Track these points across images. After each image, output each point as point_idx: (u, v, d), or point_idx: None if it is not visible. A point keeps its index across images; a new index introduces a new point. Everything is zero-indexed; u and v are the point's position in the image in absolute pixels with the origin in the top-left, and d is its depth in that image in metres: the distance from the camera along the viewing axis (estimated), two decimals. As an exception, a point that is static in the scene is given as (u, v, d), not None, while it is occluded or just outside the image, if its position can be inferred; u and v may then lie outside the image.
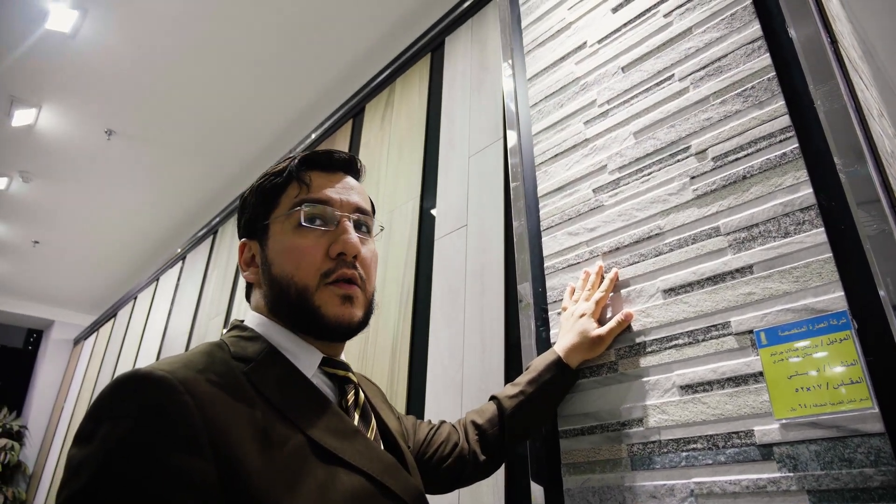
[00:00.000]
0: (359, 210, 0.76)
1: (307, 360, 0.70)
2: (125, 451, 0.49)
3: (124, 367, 5.15)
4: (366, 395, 0.78)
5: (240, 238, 0.78)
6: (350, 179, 0.79)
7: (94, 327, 6.76)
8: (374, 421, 0.75)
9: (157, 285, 5.25)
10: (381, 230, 0.84)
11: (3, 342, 7.95)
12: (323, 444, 0.60)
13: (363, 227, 0.77)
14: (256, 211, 0.76)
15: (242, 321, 0.74)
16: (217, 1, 3.09)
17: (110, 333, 6.07)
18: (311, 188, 0.73)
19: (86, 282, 6.87)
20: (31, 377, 7.77)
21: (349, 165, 0.80)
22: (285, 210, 0.73)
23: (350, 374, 0.75)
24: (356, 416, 0.71)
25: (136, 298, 5.68)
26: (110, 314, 6.27)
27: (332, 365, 0.73)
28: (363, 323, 0.73)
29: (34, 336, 8.18)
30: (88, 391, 5.93)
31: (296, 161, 0.76)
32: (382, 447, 0.73)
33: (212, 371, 0.59)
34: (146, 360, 4.71)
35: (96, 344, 6.48)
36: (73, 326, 7.71)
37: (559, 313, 1.39)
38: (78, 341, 7.39)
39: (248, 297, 0.77)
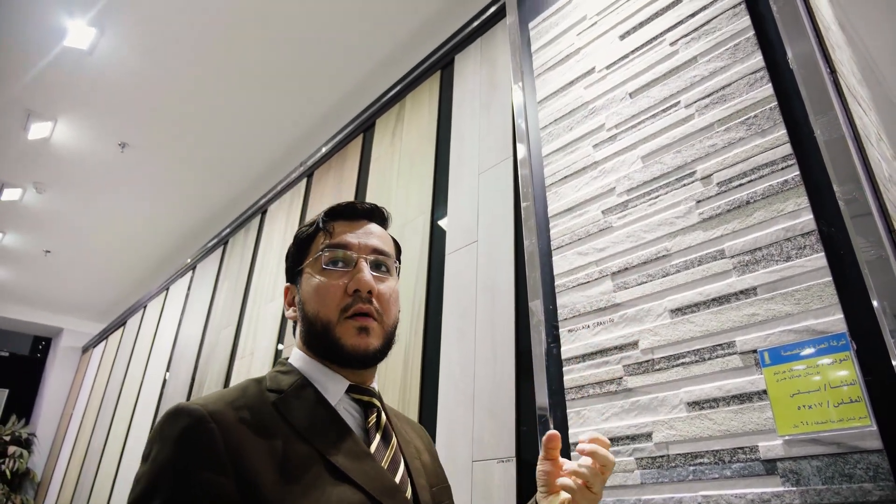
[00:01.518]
0: (376, 251, 0.84)
1: (334, 388, 0.79)
2: (166, 468, 0.62)
3: (134, 376, 5.21)
4: (388, 419, 0.84)
5: (286, 283, 0.89)
6: (372, 226, 0.88)
7: (103, 335, 6.83)
8: (395, 440, 0.82)
9: (167, 295, 5.31)
10: (398, 267, 0.91)
11: (12, 349, 8.02)
12: (335, 462, 0.69)
13: (382, 266, 0.84)
14: (294, 259, 0.87)
15: (287, 358, 0.84)
16: (229, 18, 3.17)
17: (119, 342, 6.13)
18: (333, 235, 0.83)
19: (96, 290, 6.95)
20: (40, 385, 7.84)
21: (371, 214, 0.89)
22: (313, 256, 0.83)
23: (374, 400, 0.82)
24: (378, 437, 0.78)
25: (145, 307, 5.74)
26: (119, 323, 6.33)
27: (358, 391, 0.81)
28: (380, 351, 0.81)
29: (42, 343, 8.25)
30: (97, 399, 5.98)
31: (323, 213, 0.86)
32: (402, 468, 0.80)
33: (241, 402, 0.70)
34: (157, 369, 4.77)
35: (105, 352, 6.54)
36: (82, 334, 7.77)
37: (569, 331, 1.44)
38: (87, 349, 7.45)
39: (294, 334, 0.87)
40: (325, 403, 0.76)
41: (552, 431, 0.79)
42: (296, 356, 0.83)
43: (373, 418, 0.80)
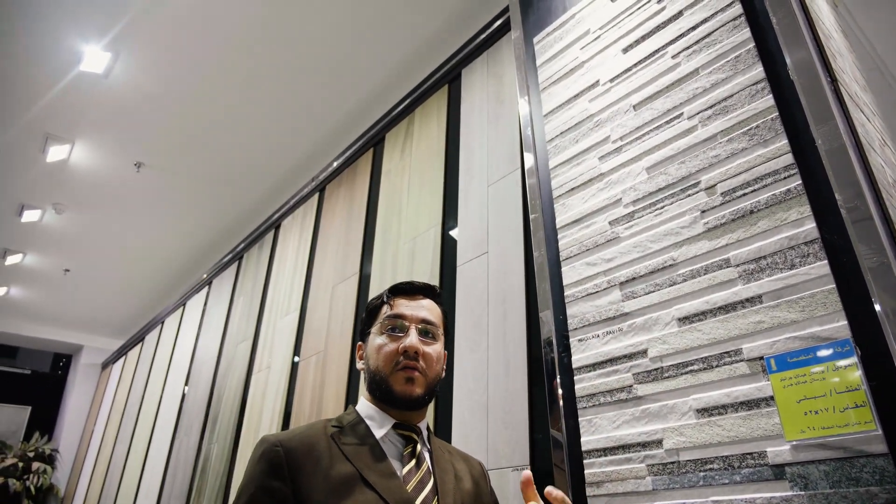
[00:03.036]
0: (425, 321, 1.07)
1: (382, 424, 1.02)
2: (252, 478, 0.90)
3: (153, 391, 5.28)
4: (429, 450, 1.05)
5: (359, 342, 1.14)
6: (425, 301, 1.11)
7: (122, 351, 6.93)
8: (427, 466, 1.00)
9: (183, 310, 5.39)
10: (445, 334, 1.13)
11: (33, 367, 8.16)
12: (368, 479, 0.90)
13: (429, 334, 1.07)
14: (364, 323, 1.13)
15: (354, 406, 1.08)
16: (238, 40, 3.24)
17: (138, 358, 6.23)
18: (393, 307, 1.08)
19: (114, 307, 7.06)
20: (61, 401, 7.96)
21: (425, 291, 1.13)
22: (378, 322, 1.08)
23: (413, 435, 1.02)
24: (412, 463, 0.98)
25: (163, 323, 5.83)
26: (138, 339, 6.43)
27: (403, 427, 1.03)
28: (423, 397, 1.02)
29: (63, 361, 8.39)
30: (118, 414, 6.07)
31: (387, 290, 1.11)
32: (428, 489, 0.95)
33: (307, 434, 0.96)
34: (175, 384, 4.83)
35: (125, 368, 6.64)
36: (102, 351, 7.89)
37: (579, 340, 1.47)
38: (106, 365, 7.56)
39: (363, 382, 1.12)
40: (372, 436, 0.99)
41: (525, 472, 0.88)
42: (359, 401, 1.08)
43: (409, 448, 1.00)
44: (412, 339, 1.03)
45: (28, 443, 7.12)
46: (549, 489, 0.86)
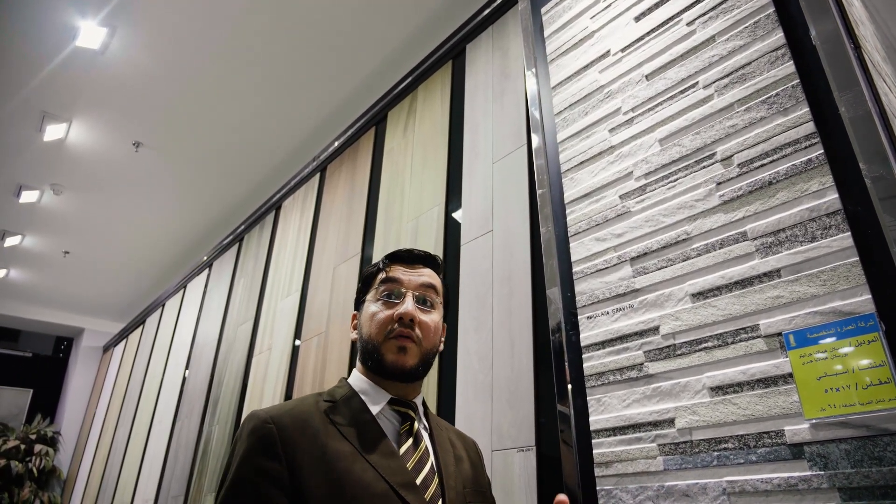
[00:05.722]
0: (422, 287, 1.01)
1: (377, 399, 0.97)
2: (241, 456, 0.83)
3: (154, 373, 5.27)
4: (428, 427, 1.01)
5: (353, 311, 1.09)
6: (424, 269, 1.05)
7: (123, 334, 6.91)
8: (425, 445, 0.96)
9: (184, 293, 5.36)
10: (445, 306, 1.08)
11: (35, 350, 8.15)
12: (367, 458, 0.86)
13: (427, 301, 1.02)
14: (359, 291, 1.07)
15: (346, 378, 1.04)
16: (239, 15, 3.17)
17: (139, 340, 6.20)
18: (389, 273, 1.02)
19: (114, 290, 7.02)
20: (63, 384, 7.96)
21: (424, 259, 1.07)
22: (374, 288, 1.03)
23: (409, 411, 0.97)
24: (409, 441, 0.93)
25: (164, 306, 5.80)
26: (139, 321, 6.40)
27: (399, 403, 0.98)
28: (417, 368, 0.97)
29: (64, 344, 8.37)
30: (119, 397, 6.06)
31: (384, 257, 1.06)
32: (428, 468, 0.92)
33: (298, 409, 0.90)
34: (177, 367, 4.81)
35: (126, 351, 6.62)
36: (103, 334, 7.87)
37: (588, 318, 1.42)
38: (107, 348, 7.55)
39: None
40: (367, 411, 0.94)
41: (561, 496, 0.89)
42: (352, 374, 1.03)
43: (406, 426, 0.96)
44: (408, 305, 0.98)
45: (30, 425, 7.12)
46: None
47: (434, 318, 1.02)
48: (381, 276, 1.03)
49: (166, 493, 4.07)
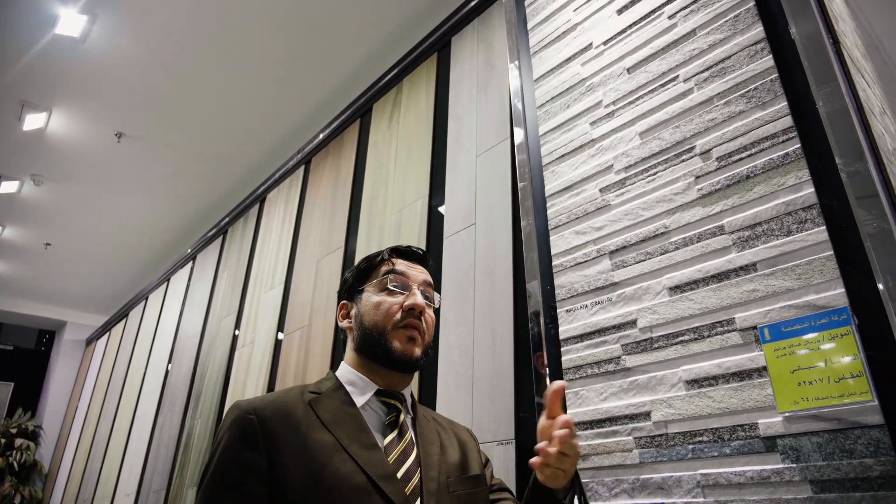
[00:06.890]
0: (426, 283, 1.04)
1: (364, 390, 0.97)
2: (222, 447, 0.84)
3: (137, 367, 5.22)
4: (413, 419, 1.00)
5: (339, 301, 1.09)
6: (421, 266, 1.07)
7: (106, 327, 6.84)
8: (410, 437, 0.95)
9: (167, 285, 5.31)
10: (439, 301, 1.09)
11: (17, 343, 8.04)
12: (348, 450, 0.86)
13: (428, 298, 1.03)
14: (354, 281, 1.06)
15: (334, 371, 1.03)
16: (224, 4, 3.13)
17: (122, 333, 6.14)
18: (394, 265, 1.03)
19: (97, 283, 6.94)
20: (45, 378, 7.86)
21: (422, 259, 1.09)
22: (376, 278, 1.03)
23: (396, 403, 0.97)
24: (393, 434, 0.93)
25: (147, 298, 5.74)
26: (122, 314, 6.34)
27: (386, 395, 0.97)
28: (420, 359, 0.98)
29: (46, 337, 8.27)
30: (102, 391, 6.00)
31: (387, 249, 1.07)
32: (411, 460, 0.91)
33: (281, 400, 0.90)
34: (159, 360, 4.77)
35: (108, 344, 6.55)
36: (86, 327, 7.79)
37: (567, 311, 1.42)
38: (90, 342, 7.47)
39: (344, 347, 1.06)
40: (352, 403, 0.94)
41: (559, 382, 0.84)
42: (341, 366, 1.02)
43: (391, 417, 0.95)
44: (418, 297, 0.99)
45: (11, 419, 7.04)
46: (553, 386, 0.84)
47: (432, 313, 1.04)
48: (386, 267, 1.04)
49: (148, 486, 4.04)
